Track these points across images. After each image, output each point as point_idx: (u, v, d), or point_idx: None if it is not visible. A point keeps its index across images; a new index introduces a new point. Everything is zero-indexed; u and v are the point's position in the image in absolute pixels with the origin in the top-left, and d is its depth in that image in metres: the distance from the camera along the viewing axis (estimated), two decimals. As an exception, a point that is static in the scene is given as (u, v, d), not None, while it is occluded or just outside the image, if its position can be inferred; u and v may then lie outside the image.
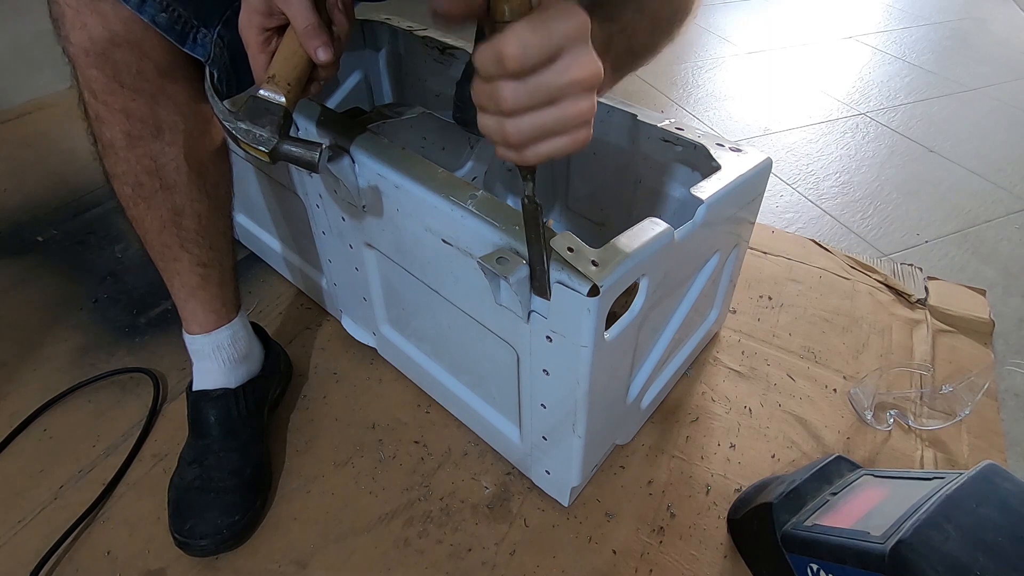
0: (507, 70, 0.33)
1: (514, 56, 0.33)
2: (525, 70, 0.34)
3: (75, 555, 0.63)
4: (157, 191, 0.56)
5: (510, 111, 0.35)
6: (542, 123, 0.36)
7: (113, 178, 0.56)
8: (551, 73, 0.34)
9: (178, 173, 0.57)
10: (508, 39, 0.33)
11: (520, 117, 0.35)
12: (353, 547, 0.64)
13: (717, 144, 0.68)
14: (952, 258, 1.08)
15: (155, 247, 0.60)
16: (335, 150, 0.63)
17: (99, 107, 0.52)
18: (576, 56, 0.35)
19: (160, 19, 0.48)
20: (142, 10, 0.47)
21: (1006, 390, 0.84)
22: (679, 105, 1.57)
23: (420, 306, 0.69)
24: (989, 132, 1.49)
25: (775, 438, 0.76)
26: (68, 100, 1.58)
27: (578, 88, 0.35)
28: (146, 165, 0.55)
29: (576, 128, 0.37)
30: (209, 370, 0.67)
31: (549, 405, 0.59)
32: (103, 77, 0.50)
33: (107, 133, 0.53)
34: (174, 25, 0.49)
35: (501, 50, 0.33)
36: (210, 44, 0.52)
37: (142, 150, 0.54)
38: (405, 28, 0.95)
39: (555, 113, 0.35)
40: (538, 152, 0.37)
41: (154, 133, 0.54)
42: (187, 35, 0.50)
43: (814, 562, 0.54)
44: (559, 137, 0.37)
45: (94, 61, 0.49)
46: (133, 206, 0.57)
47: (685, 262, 0.63)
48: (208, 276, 0.63)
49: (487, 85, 0.35)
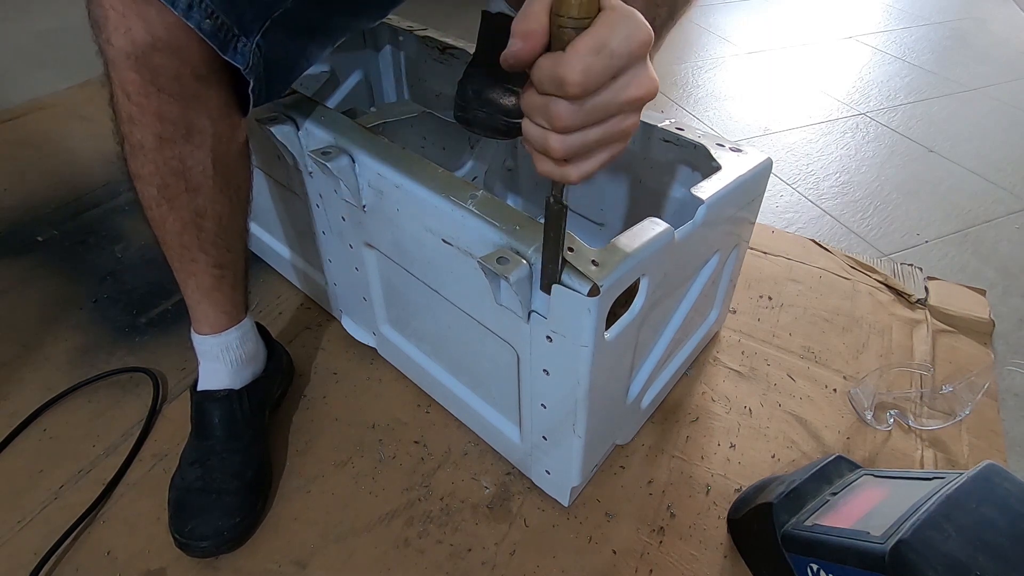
0: (567, 94, 0.33)
1: (576, 83, 0.32)
2: (586, 93, 0.33)
3: (75, 555, 0.63)
4: (182, 193, 0.57)
5: (563, 129, 0.34)
6: (588, 140, 0.35)
7: (137, 179, 0.56)
8: (609, 93, 0.34)
9: (204, 176, 0.57)
10: (571, 63, 0.32)
11: (569, 135, 0.35)
12: (353, 547, 0.64)
13: (717, 144, 0.68)
14: (952, 258, 1.08)
15: (174, 248, 0.60)
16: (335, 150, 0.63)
17: (132, 108, 0.52)
18: (636, 74, 0.34)
19: (205, 25, 0.49)
20: (189, 16, 0.48)
21: (1006, 390, 0.84)
22: (679, 105, 1.57)
23: (420, 306, 0.69)
24: (989, 132, 1.49)
25: (775, 438, 0.76)
26: (68, 100, 1.58)
27: (633, 107, 0.35)
28: (173, 167, 0.55)
29: (619, 142, 0.37)
30: (215, 371, 0.67)
31: (549, 405, 0.59)
32: (140, 80, 0.50)
33: (137, 134, 0.53)
34: (217, 32, 0.50)
35: (563, 76, 0.32)
36: (249, 53, 0.53)
37: (171, 152, 0.54)
38: (405, 28, 0.95)
39: (604, 129, 0.35)
40: (581, 170, 0.37)
41: (184, 136, 0.54)
42: (229, 43, 0.51)
43: (814, 562, 0.54)
44: (602, 152, 0.36)
45: (133, 64, 0.49)
46: (156, 207, 0.57)
47: (685, 262, 0.63)
48: (223, 278, 0.63)
49: (541, 99, 0.34)
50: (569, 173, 0.37)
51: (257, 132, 0.74)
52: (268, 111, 0.69)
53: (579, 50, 0.32)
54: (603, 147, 0.36)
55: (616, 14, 0.32)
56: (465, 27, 0.49)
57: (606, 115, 0.34)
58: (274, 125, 0.67)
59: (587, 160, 0.36)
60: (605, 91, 0.33)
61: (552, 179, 0.38)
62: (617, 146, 0.37)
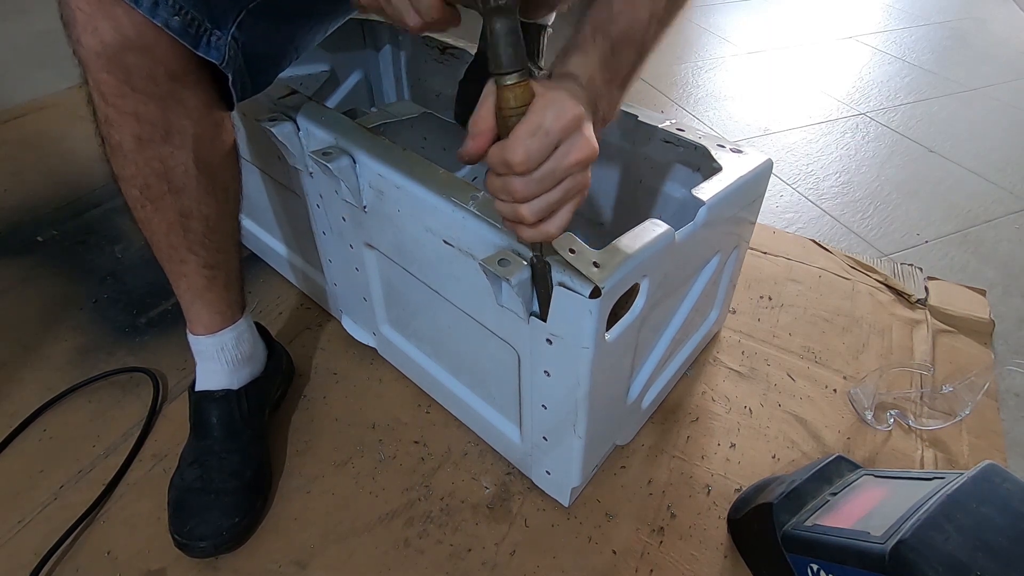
0: (515, 172, 0.39)
1: (520, 162, 0.39)
2: (530, 170, 0.39)
3: (75, 555, 0.63)
4: (165, 194, 0.56)
5: (522, 200, 0.41)
6: (550, 201, 0.41)
7: (121, 180, 0.56)
8: (552, 162, 0.40)
9: (186, 176, 0.56)
10: (513, 147, 0.38)
11: (531, 202, 0.41)
12: (353, 547, 0.64)
13: (718, 145, 0.68)
14: (952, 258, 1.08)
15: (162, 249, 0.60)
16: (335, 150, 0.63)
17: (109, 110, 0.51)
18: (573, 142, 0.40)
19: (173, 23, 0.48)
20: (155, 14, 0.47)
21: (1006, 390, 0.84)
22: (679, 105, 1.57)
23: (420, 306, 0.69)
24: (989, 132, 1.49)
25: (775, 438, 0.76)
26: (68, 100, 1.58)
27: (578, 167, 0.41)
28: (155, 168, 0.55)
29: (579, 195, 0.43)
30: (213, 371, 0.67)
31: (550, 405, 0.59)
32: (114, 81, 0.49)
33: (116, 135, 0.52)
34: (187, 28, 0.49)
35: (508, 159, 0.39)
36: (224, 47, 0.51)
37: (151, 153, 0.54)
38: (405, 28, 0.95)
39: (560, 190, 0.41)
40: (553, 224, 0.43)
41: (163, 136, 0.54)
42: (201, 38, 0.50)
43: (814, 562, 0.54)
44: (567, 206, 0.42)
45: (105, 65, 0.48)
46: (140, 208, 0.57)
47: (686, 263, 0.63)
48: (214, 278, 0.63)
49: (499, 179, 0.41)
50: (547, 230, 0.43)
51: (257, 132, 0.74)
52: (268, 111, 0.69)
53: (519, 135, 0.39)
54: (566, 202, 0.42)
55: (545, 99, 0.39)
56: (465, 27, 0.49)
57: (556, 180, 0.40)
58: (274, 125, 0.67)
59: (557, 216, 0.43)
60: (548, 162, 0.40)
61: (536, 241, 0.45)
62: (579, 198, 0.43)
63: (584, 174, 0.42)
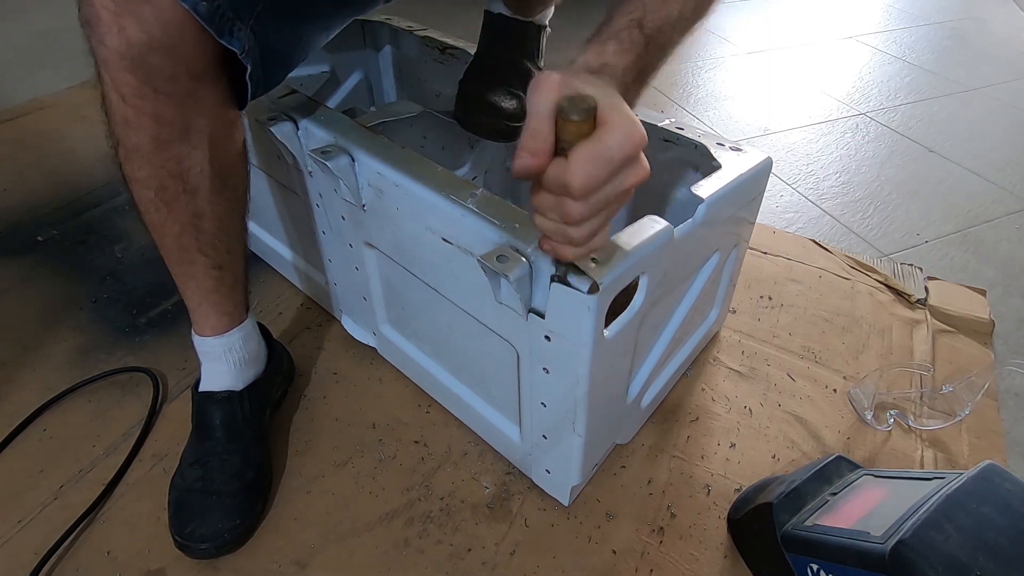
0: (574, 197, 0.38)
1: (580, 187, 0.37)
2: (590, 196, 0.38)
3: (75, 555, 0.63)
4: (180, 195, 0.56)
5: (575, 223, 0.40)
6: (601, 221, 0.41)
7: (133, 182, 0.55)
8: (610, 187, 0.38)
9: (202, 176, 0.56)
10: (575, 172, 0.37)
11: (582, 224, 0.40)
12: (353, 547, 0.64)
13: (717, 144, 0.68)
14: (952, 258, 1.08)
15: (172, 251, 0.60)
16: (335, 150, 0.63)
17: (128, 111, 0.50)
18: (632, 168, 0.39)
19: (201, 8, 0.48)
20: None
21: (1006, 390, 0.84)
22: (679, 105, 1.57)
23: (420, 305, 0.69)
24: (989, 132, 1.49)
25: (775, 438, 0.76)
26: (68, 100, 1.58)
27: (631, 192, 0.40)
28: (171, 169, 0.54)
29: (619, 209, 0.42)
30: (218, 372, 0.67)
31: (549, 404, 0.59)
32: (135, 81, 0.49)
33: (133, 137, 0.52)
34: (213, 16, 0.49)
35: (568, 182, 0.37)
36: (245, 37, 0.51)
37: (168, 154, 0.54)
38: (405, 28, 0.96)
39: (609, 211, 0.41)
40: (601, 239, 0.43)
41: (181, 137, 0.53)
42: (224, 27, 0.50)
43: (814, 562, 0.54)
44: (606, 225, 0.42)
45: (128, 65, 0.48)
46: (154, 210, 0.57)
47: (685, 261, 0.63)
48: (223, 279, 0.63)
49: (552, 199, 0.40)
50: (593, 244, 0.43)
51: (257, 132, 0.74)
52: (268, 111, 0.69)
53: (581, 159, 0.36)
54: (608, 218, 0.42)
55: (613, 122, 0.37)
56: (465, 27, 0.49)
57: (608, 204, 0.40)
58: (274, 125, 0.67)
59: (599, 235, 0.43)
60: (607, 187, 0.38)
61: (578, 258, 0.45)
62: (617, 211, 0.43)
63: (630, 196, 0.41)
